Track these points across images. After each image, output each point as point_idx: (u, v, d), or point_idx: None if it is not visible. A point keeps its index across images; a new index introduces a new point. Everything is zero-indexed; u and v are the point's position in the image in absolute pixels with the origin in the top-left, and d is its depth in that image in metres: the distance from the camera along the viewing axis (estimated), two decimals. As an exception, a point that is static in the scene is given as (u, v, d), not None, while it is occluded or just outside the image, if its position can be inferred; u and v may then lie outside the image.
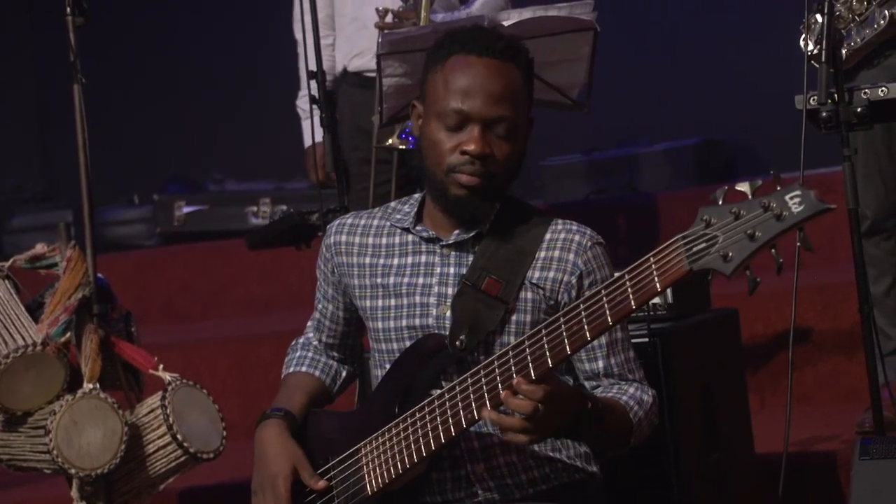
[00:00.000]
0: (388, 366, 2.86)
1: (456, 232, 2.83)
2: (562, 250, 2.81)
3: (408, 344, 2.83)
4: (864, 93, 3.44)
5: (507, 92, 2.75)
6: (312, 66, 4.21)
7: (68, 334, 3.63)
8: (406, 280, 2.85)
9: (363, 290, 2.91)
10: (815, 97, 3.44)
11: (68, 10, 3.68)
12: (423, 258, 2.86)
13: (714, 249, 2.35)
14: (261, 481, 2.89)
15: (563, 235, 2.82)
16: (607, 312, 2.48)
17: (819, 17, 3.59)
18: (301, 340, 3.13)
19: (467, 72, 2.76)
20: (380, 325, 2.88)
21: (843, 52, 3.86)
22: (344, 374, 3.09)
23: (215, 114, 7.59)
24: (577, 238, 2.82)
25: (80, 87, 3.68)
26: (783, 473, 3.50)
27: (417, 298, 2.83)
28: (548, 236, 2.82)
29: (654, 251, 2.42)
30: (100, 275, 3.73)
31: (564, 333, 2.52)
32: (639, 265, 2.44)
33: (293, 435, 2.90)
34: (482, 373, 2.60)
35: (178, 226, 6.88)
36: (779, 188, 2.36)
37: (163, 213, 6.90)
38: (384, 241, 2.91)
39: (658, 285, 2.42)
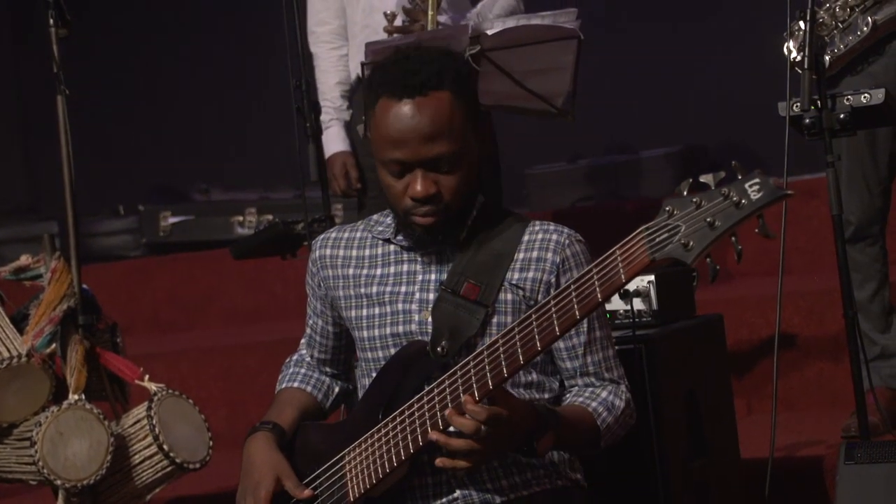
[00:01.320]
0: (374, 374, 2.87)
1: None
2: (540, 250, 2.83)
3: (393, 351, 2.85)
4: (847, 99, 3.46)
5: (438, 127, 2.73)
6: (326, 78, 4.23)
7: (53, 345, 3.63)
8: (388, 289, 2.88)
9: (348, 300, 2.93)
10: (799, 104, 3.45)
11: (51, 21, 3.67)
12: (405, 267, 2.88)
13: (676, 238, 2.38)
14: (244, 490, 2.91)
15: (540, 236, 2.84)
16: (575, 307, 2.51)
17: (803, 25, 3.59)
18: (294, 357, 3.14)
19: (393, 119, 2.75)
20: (365, 333, 2.90)
21: (827, 58, 3.87)
22: (337, 389, 3.10)
23: (200, 124, 7.58)
24: (554, 237, 2.84)
25: (63, 98, 3.68)
26: (769, 478, 3.51)
27: (400, 306, 2.86)
28: (526, 238, 2.84)
29: (620, 243, 2.45)
30: (85, 286, 3.73)
31: (535, 330, 2.54)
32: (605, 258, 2.48)
33: (282, 448, 2.90)
34: (458, 373, 2.63)
35: (164, 236, 6.87)
36: (740, 177, 2.39)
37: (148, 223, 6.90)
38: (367, 252, 2.93)
39: (623, 276, 2.45)
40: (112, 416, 3.70)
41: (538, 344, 2.55)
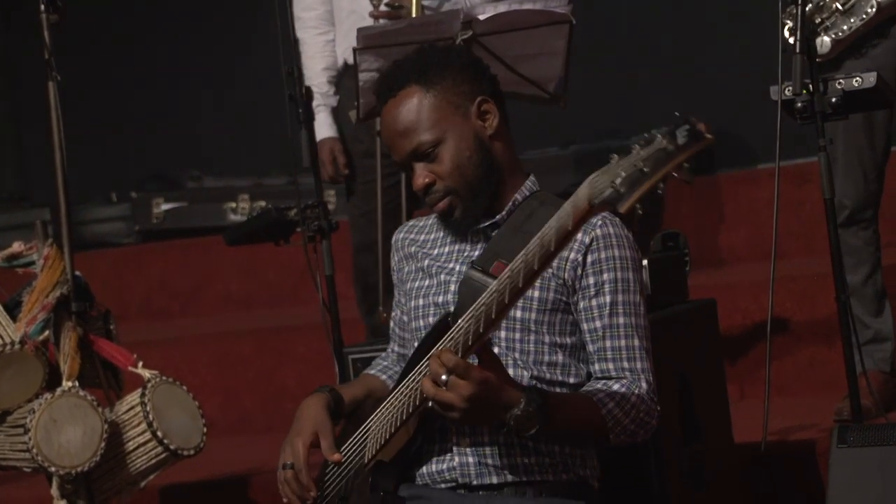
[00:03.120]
0: (416, 344, 2.93)
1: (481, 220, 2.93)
2: None
3: (430, 320, 2.91)
4: (839, 83, 3.46)
5: (408, 122, 2.86)
6: (313, 64, 4.23)
7: (46, 332, 3.63)
8: (438, 264, 2.96)
9: (410, 274, 3.02)
10: (791, 88, 3.45)
11: (42, 7, 3.67)
12: (457, 246, 2.96)
13: (614, 185, 2.38)
14: (286, 440, 2.96)
15: None
16: (536, 258, 2.52)
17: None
18: (384, 353, 3.21)
19: (382, 125, 2.94)
20: (412, 303, 2.97)
21: (828, 40, 3.87)
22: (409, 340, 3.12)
23: (193, 110, 7.56)
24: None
25: (55, 85, 3.68)
26: (762, 462, 3.52)
27: (442, 277, 2.93)
28: None
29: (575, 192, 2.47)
30: (78, 273, 3.73)
31: (508, 284, 2.57)
32: (562, 209, 2.49)
33: (337, 415, 2.97)
34: (453, 333, 2.67)
35: (157, 223, 6.87)
36: (682, 124, 2.39)
37: (141, 210, 6.89)
38: (432, 236, 3.03)
39: (570, 224, 2.46)
40: (106, 403, 3.70)
41: (506, 297, 2.57)
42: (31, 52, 3.97)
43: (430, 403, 2.67)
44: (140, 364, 3.69)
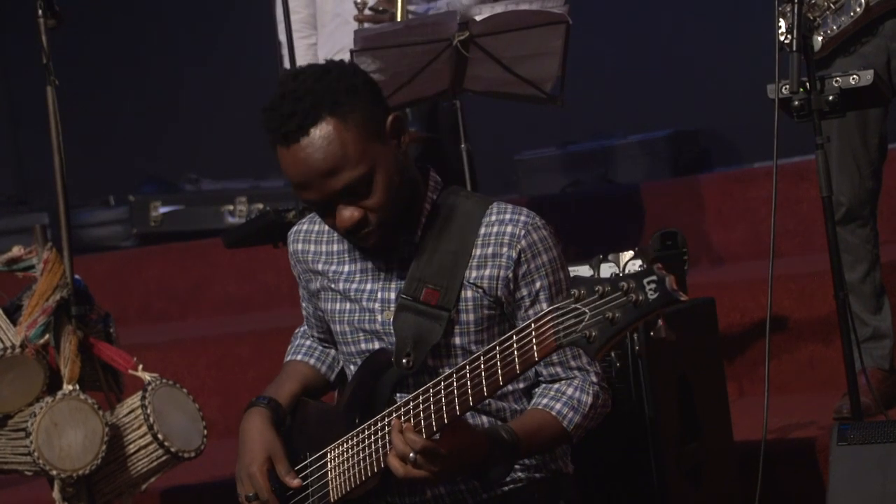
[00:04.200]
0: (352, 367, 2.89)
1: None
2: (496, 245, 2.77)
3: (362, 346, 2.86)
4: (836, 81, 3.46)
5: (333, 160, 2.65)
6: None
7: (47, 336, 3.63)
8: (355, 286, 2.86)
9: (325, 292, 2.93)
10: (787, 86, 3.45)
11: (40, 12, 3.67)
12: (370, 264, 2.85)
13: (581, 327, 2.32)
14: (239, 468, 2.92)
15: (495, 229, 2.77)
16: (499, 373, 2.48)
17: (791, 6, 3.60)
18: (302, 328, 3.14)
19: (289, 166, 2.69)
20: (338, 328, 2.90)
21: (819, 39, 3.88)
22: (342, 360, 3.08)
23: (190, 113, 7.57)
24: (509, 229, 2.77)
25: (53, 89, 3.68)
26: (762, 461, 3.52)
27: (365, 303, 2.84)
28: (482, 231, 2.78)
29: (535, 318, 2.41)
30: (77, 276, 3.73)
31: (469, 386, 2.52)
32: (524, 329, 2.44)
33: (279, 423, 2.91)
34: (411, 404, 2.62)
35: (155, 226, 6.87)
36: (644, 266, 2.28)
37: (139, 213, 6.89)
38: (335, 247, 2.91)
39: (536, 355, 2.42)
40: (106, 406, 3.70)
41: (470, 400, 2.53)
42: (28, 55, 3.97)
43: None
44: (140, 367, 3.69)
